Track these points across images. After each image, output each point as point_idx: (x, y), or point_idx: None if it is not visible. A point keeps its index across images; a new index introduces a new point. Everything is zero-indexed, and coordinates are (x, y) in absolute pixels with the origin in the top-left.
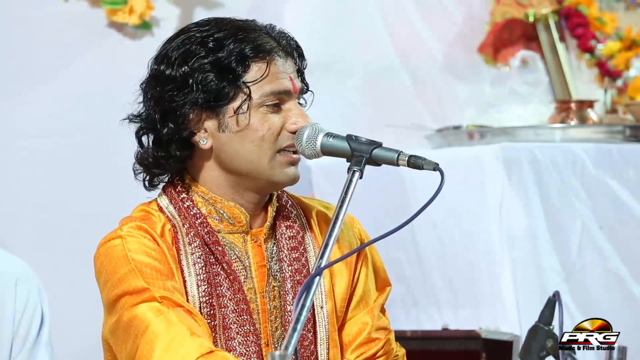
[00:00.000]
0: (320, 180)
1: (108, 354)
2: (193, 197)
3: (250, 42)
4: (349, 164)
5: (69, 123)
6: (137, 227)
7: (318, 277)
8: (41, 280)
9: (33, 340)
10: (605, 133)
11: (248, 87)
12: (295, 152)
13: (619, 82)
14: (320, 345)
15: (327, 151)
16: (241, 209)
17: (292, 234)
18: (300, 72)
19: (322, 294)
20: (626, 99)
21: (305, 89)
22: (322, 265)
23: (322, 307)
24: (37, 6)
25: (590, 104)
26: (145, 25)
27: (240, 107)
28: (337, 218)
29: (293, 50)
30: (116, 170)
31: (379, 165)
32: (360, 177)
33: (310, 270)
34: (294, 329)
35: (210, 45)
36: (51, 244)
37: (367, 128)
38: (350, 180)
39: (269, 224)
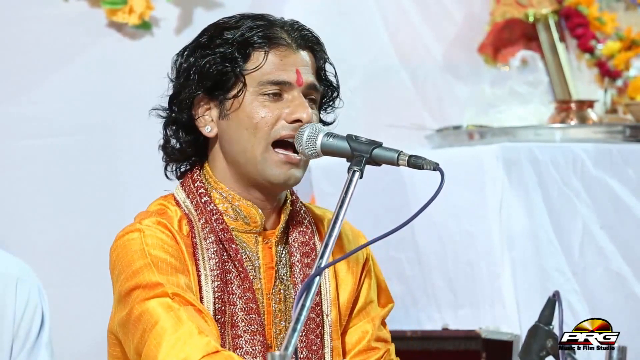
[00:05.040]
0: (320, 180)
1: (112, 349)
2: (211, 193)
3: (255, 32)
4: (349, 163)
5: (69, 123)
6: (156, 222)
7: (318, 278)
8: (41, 280)
9: (33, 341)
10: (605, 133)
11: (244, 76)
12: (295, 152)
13: (619, 82)
14: (326, 352)
15: (327, 151)
16: (257, 209)
17: (304, 240)
18: (319, 70)
19: (327, 301)
20: (626, 99)
21: (323, 86)
22: (322, 265)
23: (327, 315)
24: (37, 6)
25: (590, 104)
26: (145, 25)
27: (236, 94)
28: (337, 218)
29: (309, 46)
30: (116, 170)
31: (379, 165)
32: (361, 177)
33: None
34: (294, 329)
35: (217, 37)
36: (51, 244)
37: (367, 128)
38: (350, 180)
39: (281, 227)
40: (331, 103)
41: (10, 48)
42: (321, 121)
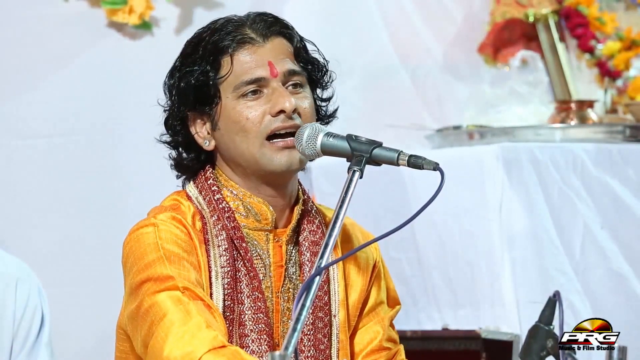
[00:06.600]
0: (320, 180)
1: (120, 343)
2: (222, 191)
3: (220, 38)
4: (349, 163)
5: (69, 123)
6: (171, 217)
7: (318, 277)
8: (41, 280)
9: (33, 341)
10: (605, 133)
11: (217, 86)
12: (287, 135)
13: (619, 82)
14: (333, 352)
15: (327, 151)
16: (269, 206)
17: (314, 240)
18: (297, 52)
19: (336, 302)
20: (626, 99)
21: (306, 67)
22: (322, 265)
23: (335, 316)
24: (37, 6)
25: (590, 104)
26: (145, 25)
27: (217, 105)
28: (337, 218)
29: (278, 32)
30: (116, 170)
31: (379, 165)
32: (361, 177)
33: (329, 277)
34: (294, 329)
35: (191, 54)
36: (51, 244)
37: (367, 128)
38: (350, 180)
39: (292, 225)
40: (324, 79)
41: (10, 48)
42: (317, 100)
